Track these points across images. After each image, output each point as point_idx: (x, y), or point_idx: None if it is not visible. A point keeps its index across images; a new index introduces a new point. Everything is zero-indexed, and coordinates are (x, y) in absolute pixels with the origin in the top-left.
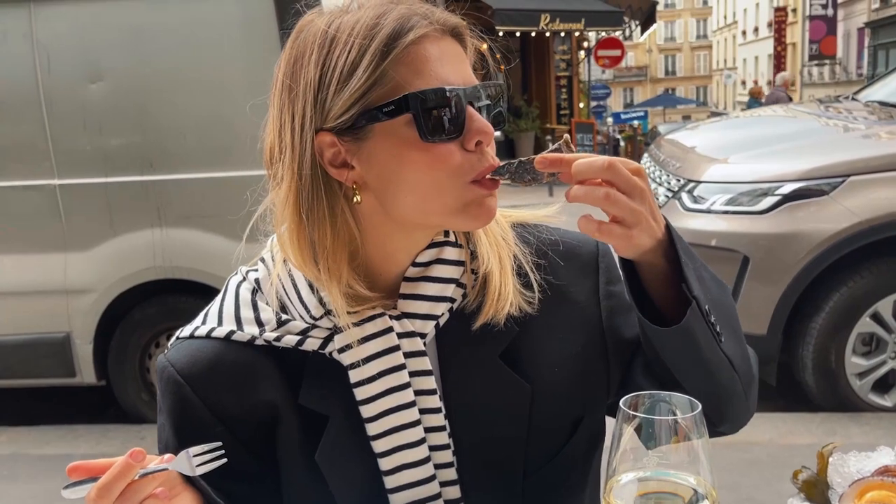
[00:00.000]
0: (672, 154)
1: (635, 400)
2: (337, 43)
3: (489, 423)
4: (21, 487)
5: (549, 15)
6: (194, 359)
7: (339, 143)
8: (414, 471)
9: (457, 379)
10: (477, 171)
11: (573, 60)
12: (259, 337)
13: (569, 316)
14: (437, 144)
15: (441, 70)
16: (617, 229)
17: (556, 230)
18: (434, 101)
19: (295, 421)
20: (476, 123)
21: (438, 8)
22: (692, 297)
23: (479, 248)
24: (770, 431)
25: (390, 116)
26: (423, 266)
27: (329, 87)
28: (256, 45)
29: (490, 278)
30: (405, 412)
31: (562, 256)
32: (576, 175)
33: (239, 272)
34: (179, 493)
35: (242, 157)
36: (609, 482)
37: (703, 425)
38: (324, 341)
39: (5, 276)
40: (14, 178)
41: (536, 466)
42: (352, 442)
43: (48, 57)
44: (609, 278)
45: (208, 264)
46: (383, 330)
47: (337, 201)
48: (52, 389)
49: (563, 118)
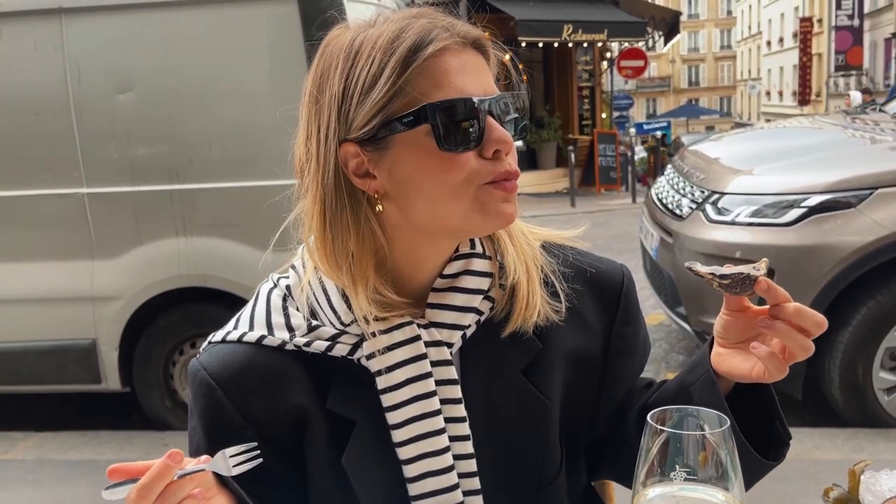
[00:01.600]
0: (696, 165)
1: (663, 414)
2: (360, 56)
3: (508, 437)
4: (46, 492)
5: (571, 26)
6: (226, 362)
7: (362, 153)
8: (438, 479)
9: (478, 391)
10: (492, 175)
11: (596, 71)
12: (289, 342)
13: (582, 342)
14: (454, 154)
15: (461, 81)
16: (785, 364)
17: (585, 254)
18: (452, 111)
19: (322, 425)
20: (495, 133)
21: (461, 20)
22: (788, 437)
23: (506, 259)
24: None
25: (409, 127)
26: (451, 277)
27: (352, 99)
28: (282, 56)
29: (518, 287)
30: (431, 420)
31: (587, 283)
32: (795, 316)
33: (270, 279)
34: (214, 494)
35: (267, 167)
36: (636, 497)
37: (732, 440)
38: (353, 347)
39: (34, 283)
40: (44, 186)
41: (547, 482)
42: (378, 447)
43: (78, 68)
44: (625, 318)
45: (232, 273)
46: (411, 338)
47: (361, 210)
48: (77, 395)
49: (585, 128)
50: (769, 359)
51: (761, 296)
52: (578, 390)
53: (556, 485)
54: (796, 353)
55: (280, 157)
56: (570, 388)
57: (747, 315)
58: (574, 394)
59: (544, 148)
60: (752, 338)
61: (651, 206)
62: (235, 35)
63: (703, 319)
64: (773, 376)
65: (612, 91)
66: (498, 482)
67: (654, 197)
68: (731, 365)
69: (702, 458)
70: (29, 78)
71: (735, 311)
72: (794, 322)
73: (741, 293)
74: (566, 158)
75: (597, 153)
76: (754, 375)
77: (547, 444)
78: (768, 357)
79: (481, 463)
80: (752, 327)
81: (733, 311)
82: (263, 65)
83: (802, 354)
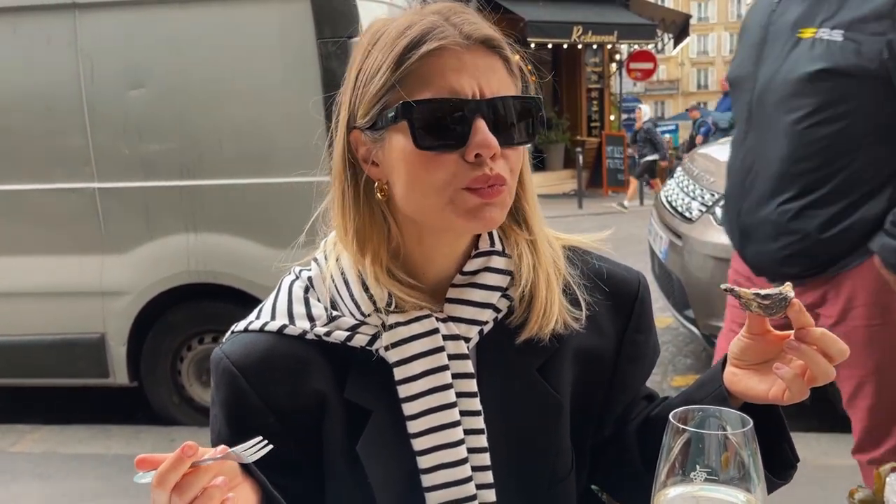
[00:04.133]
0: (706, 168)
1: (685, 414)
2: (375, 47)
3: (522, 433)
4: (53, 485)
5: (581, 27)
6: (248, 351)
7: (367, 141)
8: (452, 471)
9: (494, 386)
10: (469, 180)
11: (605, 73)
12: (310, 331)
13: (595, 344)
14: (433, 153)
15: (454, 81)
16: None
17: (605, 259)
18: (430, 110)
19: (340, 414)
20: (478, 137)
21: (479, 19)
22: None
23: (521, 263)
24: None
25: (394, 122)
26: (470, 274)
27: (359, 88)
28: (294, 54)
29: (536, 293)
30: (446, 412)
31: (604, 288)
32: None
33: (292, 272)
34: (239, 483)
35: (277, 164)
36: (657, 496)
37: (755, 441)
38: (372, 338)
39: (44, 277)
40: (56, 181)
41: (559, 479)
42: (393, 437)
43: (91, 64)
44: (638, 326)
45: (242, 269)
46: (430, 331)
47: (372, 195)
48: (85, 389)
49: (593, 130)
50: (793, 380)
51: (791, 317)
52: (587, 390)
53: (566, 482)
54: (818, 378)
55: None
56: (580, 388)
57: (767, 338)
58: (583, 393)
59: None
60: (768, 361)
61: (660, 208)
62: (247, 32)
63: (711, 323)
64: (794, 398)
65: (621, 93)
66: (510, 477)
67: (664, 199)
68: (746, 386)
69: (724, 460)
70: (42, 72)
71: (757, 334)
72: (819, 346)
73: (774, 314)
74: (574, 160)
75: (605, 155)
76: (771, 397)
77: (559, 442)
78: (793, 379)
79: (494, 457)
80: (770, 350)
81: (755, 334)
82: (275, 62)
83: (823, 379)
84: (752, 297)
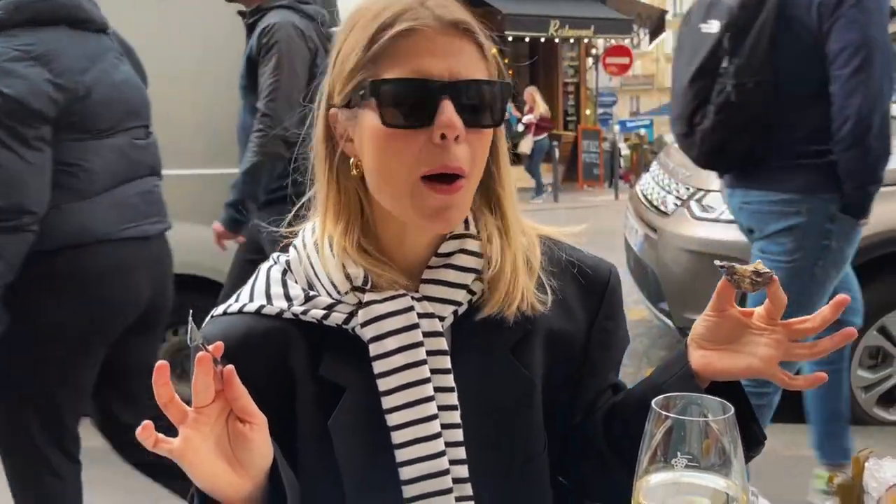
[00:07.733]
0: (682, 163)
1: (667, 401)
2: (353, 27)
3: (494, 410)
4: None
5: (558, 21)
6: (227, 333)
7: (343, 119)
8: (426, 445)
9: (468, 365)
10: (431, 164)
11: (581, 67)
12: (287, 310)
13: (565, 327)
14: (399, 131)
15: (424, 63)
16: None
17: (577, 251)
18: (397, 89)
19: (314, 391)
20: (443, 117)
21: (454, 4)
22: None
23: (490, 246)
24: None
25: (363, 99)
26: (445, 256)
27: (336, 67)
28: None
29: (500, 275)
30: (420, 387)
31: (576, 276)
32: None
33: (271, 258)
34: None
35: None
36: (639, 483)
37: (736, 428)
38: (348, 316)
39: None
40: None
41: (532, 456)
42: (366, 414)
43: None
44: (608, 313)
45: (213, 260)
46: (405, 308)
47: (348, 171)
48: None
49: (569, 125)
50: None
51: (769, 293)
52: (558, 373)
53: (539, 460)
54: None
55: None
56: (552, 370)
57: (730, 316)
58: (554, 376)
59: None
60: (737, 338)
61: (636, 202)
62: (218, 22)
63: (685, 315)
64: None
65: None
66: (483, 452)
67: (640, 193)
68: (725, 364)
69: (705, 446)
70: None
71: (722, 310)
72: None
73: (755, 290)
74: (550, 154)
75: (580, 149)
76: (755, 370)
77: (531, 421)
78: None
79: (468, 434)
80: (738, 327)
81: (720, 311)
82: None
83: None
84: (749, 274)
